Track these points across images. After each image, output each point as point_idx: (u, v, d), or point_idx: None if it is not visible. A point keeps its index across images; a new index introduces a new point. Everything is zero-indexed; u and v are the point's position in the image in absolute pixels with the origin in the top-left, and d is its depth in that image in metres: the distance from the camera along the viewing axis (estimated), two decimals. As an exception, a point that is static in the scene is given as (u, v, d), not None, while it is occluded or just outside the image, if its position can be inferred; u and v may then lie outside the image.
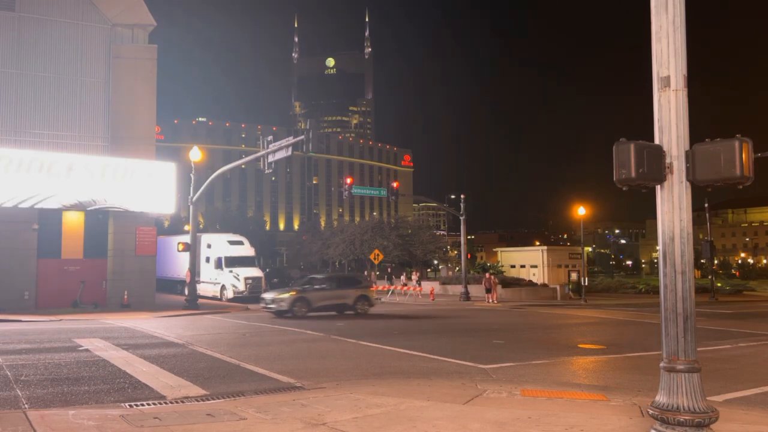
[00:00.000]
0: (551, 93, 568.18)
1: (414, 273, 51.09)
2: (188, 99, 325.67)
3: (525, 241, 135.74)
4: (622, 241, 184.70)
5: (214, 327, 20.96)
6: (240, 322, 22.97)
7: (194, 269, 30.27)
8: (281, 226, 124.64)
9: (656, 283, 40.30)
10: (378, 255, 43.83)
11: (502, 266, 55.51)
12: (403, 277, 50.29)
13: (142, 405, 8.82)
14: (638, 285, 56.18)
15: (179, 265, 37.79)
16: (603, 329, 22.52)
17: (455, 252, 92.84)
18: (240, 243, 38.45)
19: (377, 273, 54.26)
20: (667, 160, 6.15)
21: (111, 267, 28.90)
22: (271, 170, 27.82)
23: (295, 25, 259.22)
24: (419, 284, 44.00)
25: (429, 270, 78.36)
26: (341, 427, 7.57)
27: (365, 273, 55.32)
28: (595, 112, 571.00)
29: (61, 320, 22.58)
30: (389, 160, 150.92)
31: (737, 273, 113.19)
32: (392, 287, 43.66)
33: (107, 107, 29.15)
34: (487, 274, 40.47)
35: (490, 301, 36.44)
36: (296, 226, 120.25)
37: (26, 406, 8.75)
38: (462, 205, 40.58)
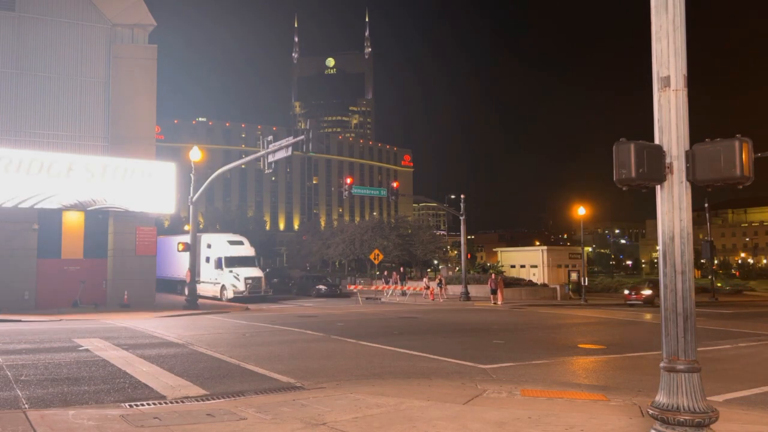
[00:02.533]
0: (552, 93, 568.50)
1: (439, 274, 44.74)
2: (188, 99, 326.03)
3: (525, 241, 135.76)
4: (622, 241, 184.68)
5: (214, 327, 20.96)
6: (240, 322, 22.97)
7: (194, 269, 30.27)
8: (281, 226, 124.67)
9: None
10: (378, 255, 43.83)
11: (502, 266, 55.50)
12: (425, 280, 44.46)
13: (142, 405, 8.83)
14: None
15: (179, 265, 37.78)
16: (603, 329, 22.52)
17: (455, 252, 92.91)
18: (240, 243, 38.44)
19: (377, 273, 54.24)
20: (667, 160, 6.14)
21: (111, 267, 28.90)
22: (271, 170, 27.82)
23: (295, 25, 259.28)
24: (441, 286, 40.34)
25: (429, 270, 78.44)
26: (341, 427, 7.57)
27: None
28: (596, 112, 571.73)
29: (61, 320, 22.58)
30: (389, 160, 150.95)
31: (737, 273, 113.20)
32: (404, 287, 43.06)
33: (107, 107, 29.15)
34: (493, 275, 40.35)
35: (497, 302, 35.99)
36: (296, 226, 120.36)
37: (26, 406, 8.75)
38: (462, 205, 40.56)
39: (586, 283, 42.44)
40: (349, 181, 41.37)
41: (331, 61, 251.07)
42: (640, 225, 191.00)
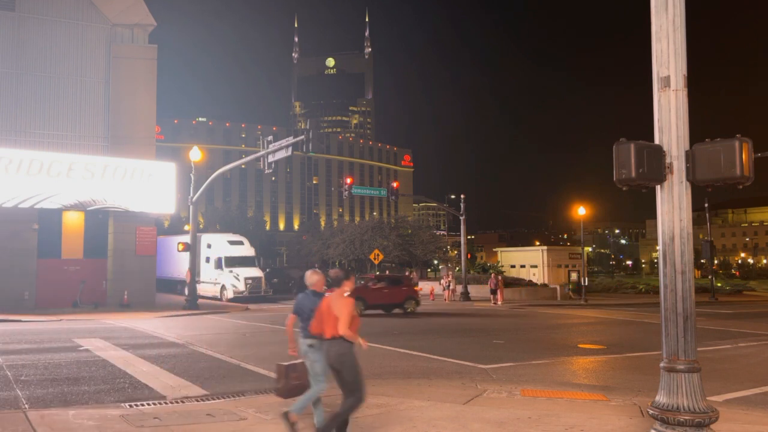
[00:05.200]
0: (553, 93, 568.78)
1: (448, 276, 42.24)
2: (188, 99, 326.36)
3: (525, 241, 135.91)
4: (622, 241, 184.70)
5: (214, 327, 20.96)
6: (240, 322, 22.96)
7: (194, 269, 30.26)
8: (281, 226, 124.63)
9: (656, 283, 40.27)
10: (378, 255, 43.81)
11: (502, 266, 55.51)
12: (442, 281, 41.73)
13: (142, 405, 8.82)
14: (638, 285, 56.19)
15: (179, 265, 37.77)
16: (603, 329, 22.52)
17: (455, 252, 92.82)
18: (240, 243, 38.44)
19: (377, 273, 54.04)
20: (667, 160, 6.15)
21: (111, 267, 28.89)
22: (271, 170, 27.83)
23: (295, 25, 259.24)
24: (449, 287, 39.31)
25: (429, 270, 78.35)
26: (341, 427, 7.57)
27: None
28: (597, 111, 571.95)
29: (61, 320, 22.57)
30: (389, 160, 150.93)
31: (737, 273, 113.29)
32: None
33: (107, 107, 29.14)
34: (494, 275, 40.30)
35: (497, 302, 35.92)
36: (296, 226, 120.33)
37: (26, 406, 8.75)
38: (462, 205, 40.57)
39: (586, 283, 42.43)
40: (349, 181, 41.40)
41: (331, 61, 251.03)
42: (640, 225, 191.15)
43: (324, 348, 6.71)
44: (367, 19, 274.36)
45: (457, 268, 60.97)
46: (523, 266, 53.87)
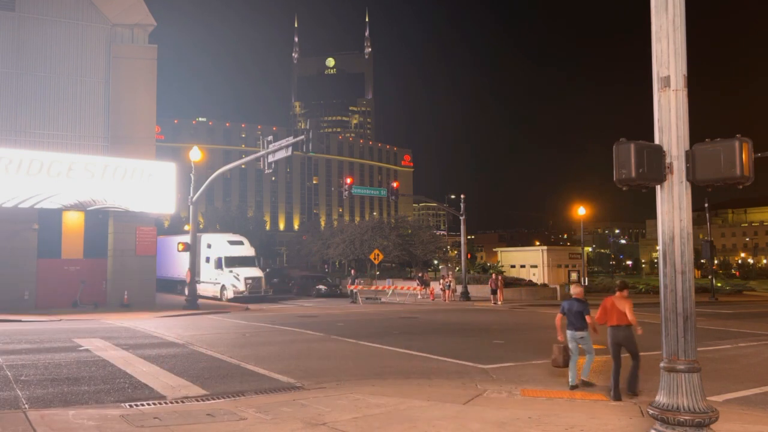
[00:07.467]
0: (553, 93, 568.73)
1: (448, 276, 40.56)
2: (188, 99, 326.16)
3: (525, 241, 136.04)
4: (622, 241, 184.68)
5: (214, 327, 20.96)
6: (240, 322, 22.97)
7: (194, 269, 30.26)
8: (281, 226, 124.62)
9: (656, 283, 40.27)
10: (378, 255, 43.80)
11: (502, 266, 55.53)
12: (442, 281, 39.85)
13: (142, 405, 8.83)
14: (638, 285, 56.14)
15: (179, 265, 37.77)
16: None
17: (455, 252, 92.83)
18: (240, 243, 38.43)
19: (377, 273, 54.16)
20: (667, 160, 6.15)
21: (111, 267, 28.89)
22: (271, 170, 27.83)
23: (295, 25, 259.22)
24: (449, 288, 38.61)
25: (429, 270, 78.29)
26: (341, 427, 7.58)
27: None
28: (596, 111, 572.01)
29: (61, 320, 22.58)
30: (389, 160, 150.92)
31: (737, 273, 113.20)
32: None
33: (107, 107, 29.14)
34: (494, 275, 40.30)
35: (497, 302, 35.88)
36: (296, 226, 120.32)
37: (26, 406, 8.75)
38: (462, 205, 40.56)
39: (586, 283, 42.43)
40: (349, 181, 41.38)
41: (331, 61, 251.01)
42: (640, 225, 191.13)
43: (610, 332, 10.55)
44: (367, 19, 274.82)
45: (457, 268, 60.96)
46: (523, 266, 53.89)
